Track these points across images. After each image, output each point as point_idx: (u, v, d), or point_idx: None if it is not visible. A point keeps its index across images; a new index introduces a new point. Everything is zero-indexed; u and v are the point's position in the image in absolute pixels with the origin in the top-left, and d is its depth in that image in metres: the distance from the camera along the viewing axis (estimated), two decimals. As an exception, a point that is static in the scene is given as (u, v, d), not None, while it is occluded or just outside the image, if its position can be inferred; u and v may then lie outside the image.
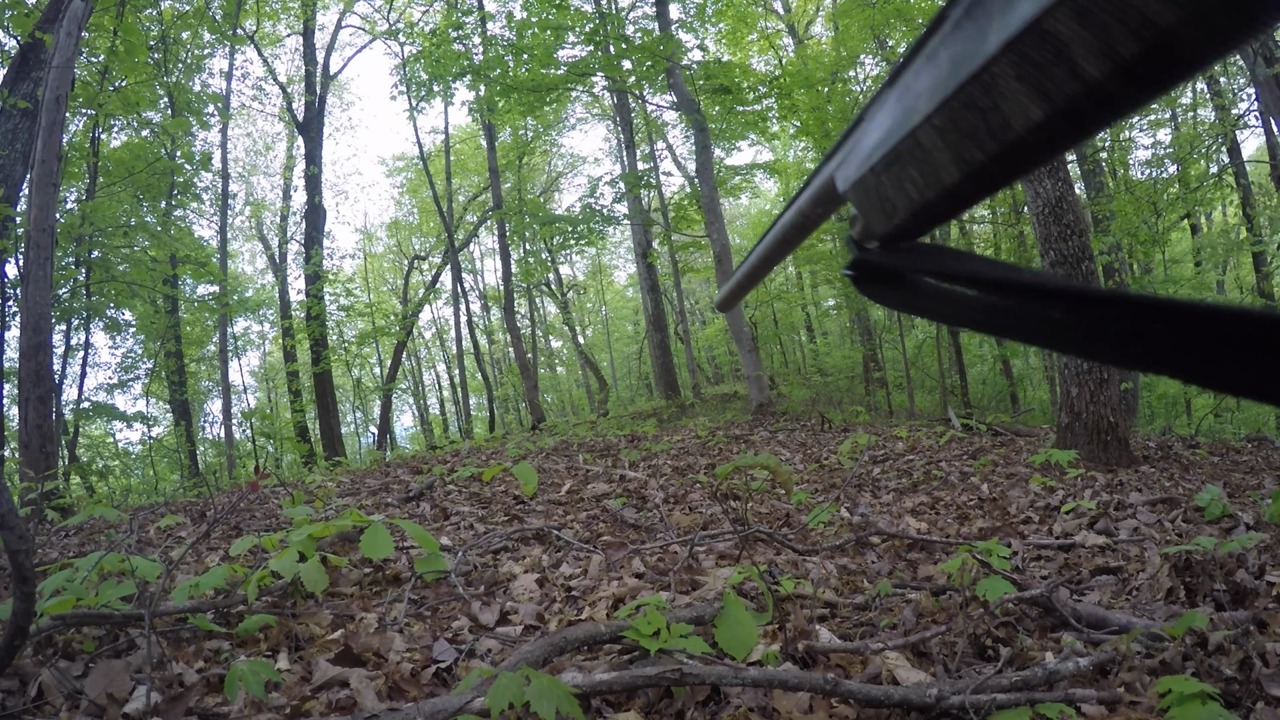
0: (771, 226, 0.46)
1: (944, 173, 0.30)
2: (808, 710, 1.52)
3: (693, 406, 12.85)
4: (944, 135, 0.29)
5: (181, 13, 11.04)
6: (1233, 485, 3.67)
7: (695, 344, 21.56)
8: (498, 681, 1.27)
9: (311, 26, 15.25)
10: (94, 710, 1.53)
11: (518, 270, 16.41)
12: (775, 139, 14.73)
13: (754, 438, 6.98)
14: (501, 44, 10.90)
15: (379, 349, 21.13)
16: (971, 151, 0.28)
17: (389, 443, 16.94)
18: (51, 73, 5.93)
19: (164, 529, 3.80)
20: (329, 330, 15.13)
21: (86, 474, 10.25)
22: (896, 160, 0.32)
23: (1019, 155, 0.27)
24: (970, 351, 14.86)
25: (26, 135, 6.72)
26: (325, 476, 6.18)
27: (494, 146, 14.20)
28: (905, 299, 0.36)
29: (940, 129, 0.29)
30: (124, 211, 11.49)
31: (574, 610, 2.22)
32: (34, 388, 5.52)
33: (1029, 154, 0.27)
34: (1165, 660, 1.59)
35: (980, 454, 5.03)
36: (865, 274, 0.37)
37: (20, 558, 1.53)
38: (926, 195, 0.31)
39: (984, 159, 0.28)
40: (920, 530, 3.11)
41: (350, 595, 2.36)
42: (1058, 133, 0.25)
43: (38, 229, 5.66)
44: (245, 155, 20.45)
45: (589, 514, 3.64)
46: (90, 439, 15.10)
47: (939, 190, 0.31)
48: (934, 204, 0.32)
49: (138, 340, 13.89)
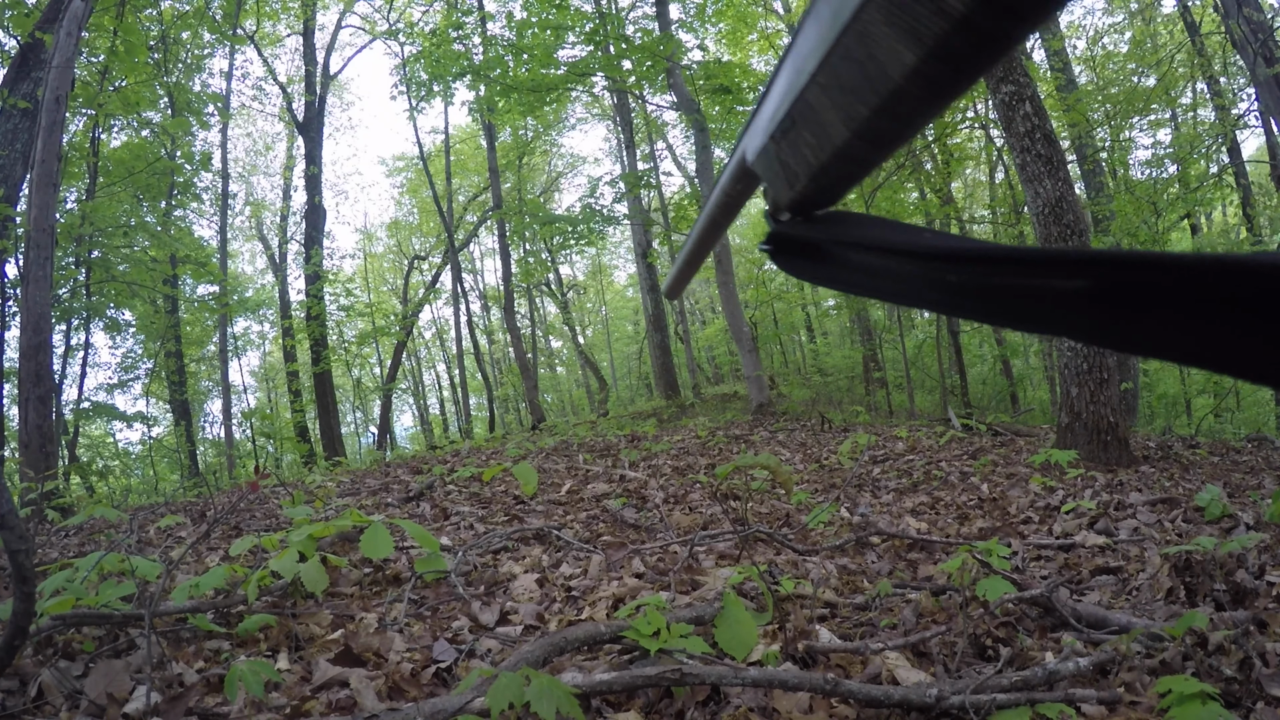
0: (702, 211, 0.46)
1: (834, 132, 0.30)
2: (808, 710, 1.52)
3: (693, 406, 12.85)
4: (829, 93, 0.29)
5: (181, 13, 11.04)
6: (1233, 485, 3.67)
7: (695, 344, 21.56)
8: (498, 681, 1.27)
9: (311, 26, 15.25)
10: (94, 710, 1.53)
11: (518, 270, 16.41)
12: (775, 139, 14.68)
13: (754, 438, 6.98)
14: (501, 44, 10.90)
15: (379, 349, 21.13)
16: (856, 107, 0.28)
17: (389, 443, 16.94)
18: (51, 73, 5.93)
19: (164, 529, 3.80)
20: (329, 330, 15.12)
21: (86, 474, 10.25)
22: (792, 125, 0.32)
23: (903, 107, 0.26)
24: (970, 351, 14.86)
25: (26, 135, 6.72)
26: (325, 476, 6.18)
27: (494, 146, 14.20)
28: (822, 272, 0.36)
29: (825, 87, 0.29)
30: (124, 211, 11.49)
31: (574, 610, 2.22)
32: (34, 388, 5.52)
33: (912, 105, 0.26)
34: (1165, 660, 1.59)
35: (980, 454, 5.03)
36: (781, 247, 0.37)
37: (20, 558, 1.53)
38: (822, 158, 0.31)
39: (868, 113, 0.27)
40: (920, 530, 3.11)
41: (350, 595, 2.36)
42: (936, 79, 0.25)
43: (38, 229, 5.66)
44: (245, 155, 20.47)
45: (589, 514, 3.64)
46: (90, 439, 15.10)
47: (832, 152, 0.30)
48: (830, 167, 0.31)
49: (138, 340, 13.90)
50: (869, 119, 0.27)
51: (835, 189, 0.34)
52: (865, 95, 0.27)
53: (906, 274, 0.30)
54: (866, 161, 0.31)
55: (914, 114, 0.27)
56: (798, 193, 0.34)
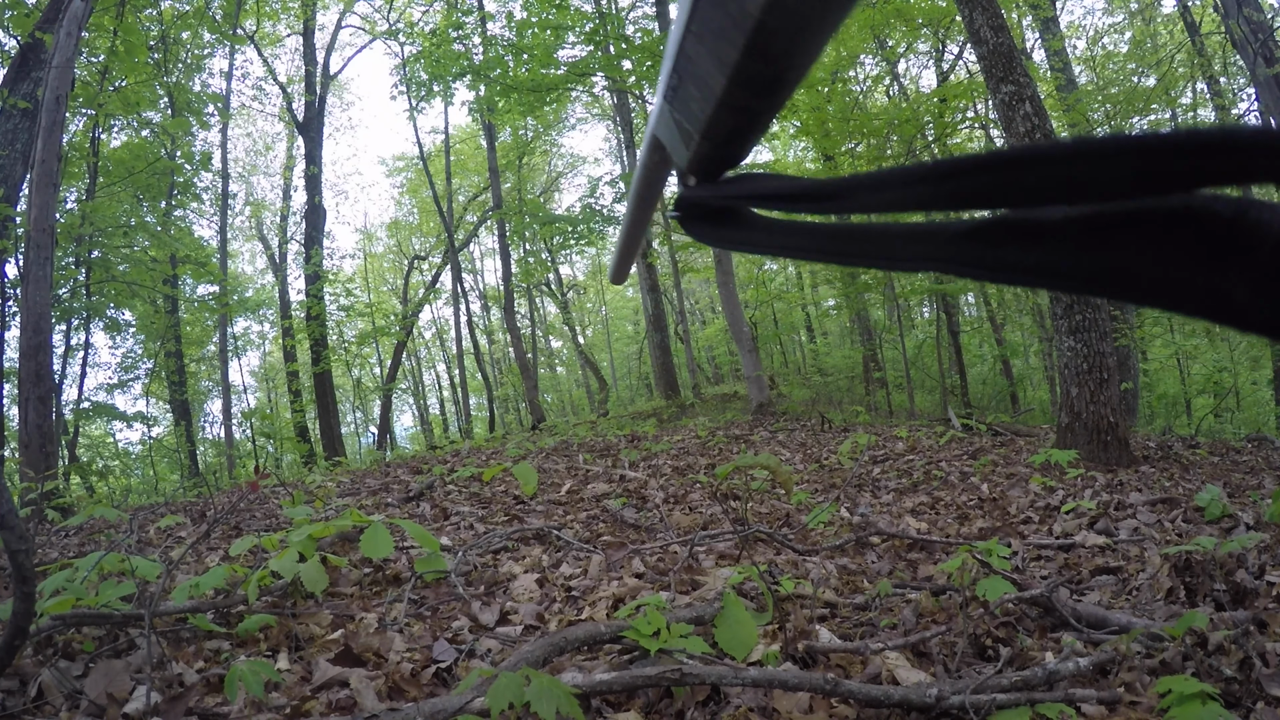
0: (631, 190, 0.46)
1: (713, 82, 0.29)
2: (808, 710, 1.52)
3: (693, 406, 12.85)
4: (703, 41, 0.29)
5: (181, 13, 11.04)
6: (1233, 485, 3.67)
7: (695, 344, 21.56)
8: (498, 681, 1.27)
9: (311, 26, 15.25)
10: (94, 710, 1.53)
11: (518, 270, 16.41)
12: (775, 139, 14.72)
13: (754, 438, 6.98)
14: (501, 44, 10.90)
15: (379, 349, 21.13)
16: (727, 50, 0.27)
17: (389, 443, 16.94)
18: (51, 73, 5.93)
19: (164, 529, 3.80)
20: (329, 330, 15.12)
21: (86, 474, 10.25)
22: (679, 83, 0.32)
23: (771, 44, 0.26)
24: (970, 351, 14.86)
25: (26, 135, 6.72)
26: (325, 476, 6.18)
27: (494, 146, 14.20)
28: (732, 236, 0.36)
29: (699, 35, 0.29)
30: (124, 211, 11.49)
31: (574, 610, 2.22)
32: (34, 388, 5.52)
33: (779, 41, 0.26)
34: (1165, 660, 1.59)
35: (980, 454, 5.03)
36: (689, 213, 0.37)
37: (20, 558, 1.53)
38: (708, 111, 0.31)
39: (738, 55, 0.27)
40: (920, 530, 3.11)
41: (350, 595, 2.36)
42: (794, 8, 0.25)
43: (38, 229, 5.66)
44: (245, 155, 20.48)
45: (589, 514, 3.64)
46: (90, 439, 15.10)
47: (715, 103, 0.30)
48: (718, 120, 0.31)
49: (138, 340, 13.90)
50: (741, 62, 0.27)
51: (732, 146, 0.34)
52: (733, 36, 0.27)
53: (803, 228, 0.30)
54: (752, 111, 0.30)
55: (784, 52, 0.27)
56: (695, 153, 0.34)
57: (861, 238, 0.28)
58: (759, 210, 0.35)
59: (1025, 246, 0.23)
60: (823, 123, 10.66)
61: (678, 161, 0.36)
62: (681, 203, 0.37)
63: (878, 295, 12.82)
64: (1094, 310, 4.58)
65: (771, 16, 0.25)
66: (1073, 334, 4.57)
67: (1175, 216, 0.20)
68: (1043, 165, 0.21)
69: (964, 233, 0.24)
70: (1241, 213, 0.19)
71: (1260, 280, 0.18)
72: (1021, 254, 0.23)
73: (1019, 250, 0.23)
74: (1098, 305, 4.63)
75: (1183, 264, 0.19)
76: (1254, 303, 0.18)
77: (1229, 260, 0.19)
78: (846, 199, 0.28)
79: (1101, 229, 0.21)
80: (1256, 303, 0.18)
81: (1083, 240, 0.21)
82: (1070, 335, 4.58)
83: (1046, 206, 0.22)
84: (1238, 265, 0.18)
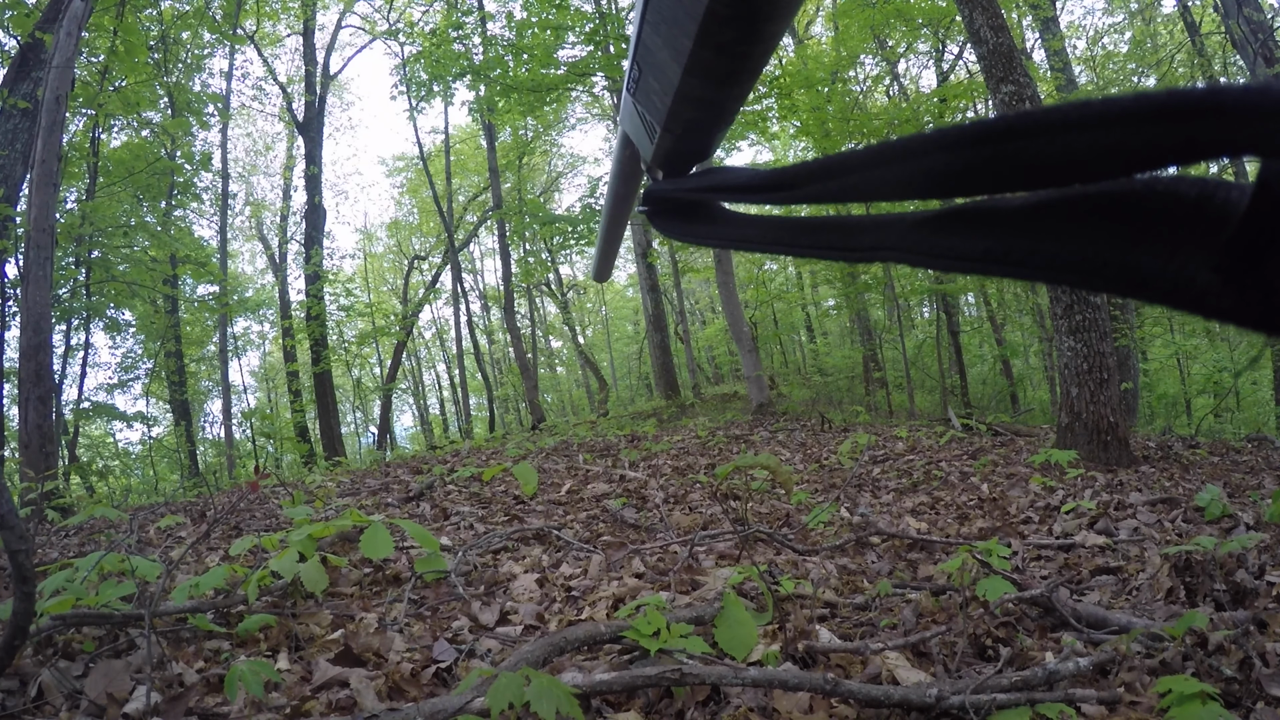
0: (608, 187, 0.46)
1: (670, 73, 0.29)
2: (808, 710, 1.52)
3: (693, 406, 12.85)
4: (658, 31, 0.29)
5: (181, 13, 11.04)
6: (1233, 485, 3.67)
7: (695, 344, 21.56)
8: (498, 681, 1.27)
9: (311, 26, 15.25)
10: (94, 710, 1.53)
11: (518, 270, 16.41)
12: (775, 139, 14.71)
13: (754, 438, 6.98)
14: (501, 44, 10.90)
15: (379, 349, 21.14)
16: (680, 40, 0.27)
17: (389, 443, 16.94)
18: (51, 73, 5.93)
19: (164, 529, 3.80)
20: (329, 330, 15.13)
21: (86, 474, 10.25)
22: (640, 75, 0.32)
23: (721, 32, 0.26)
24: (970, 351, 14.86)
25: (26, 135, 6.72)
26: (325, 476, 6.18)
27: (494, 146, 14.20)
28: (700, 230, 0.35)
29: (654, 24, 0.29)
30: (124, 211, 11.49)
31: (574, 610, 2.22)
32: (34, 388, 5.52)
33: (730, 30, 0.26)
34: (1165, 660, 1.59)
35: (980, 454, 5.03)
36: (657, 208, 0.36)
37: (20, 558, 1.53)
38: (667, 102, 0.31)
39: (691, 44, 0.27)
40: (920, 530, 3.11)
41: (350, 595, 2.36)
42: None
43: (38, 229, 5.66)
44: (245, 155, 20.49)
45: (589, 514, 3.64)
46: (90, 439, 15.10)
47: (672, 93, 0.30)
48: (677, 112, 0.31)
49: (138, 340, 13.90)
50: (694, 51, 0.27)
51: (695, 139, 0.33)
52: (685, 24, 0.26)
53: (766, 220, 0.30)
54: (711, 103, 0.30)
55: (737, 41, 0.27)
56: (659, 146, 0.34)
57: (819, 228, 0.28)
58: (730, 205, 0.34)
59: (983, 233, 0.22)
60: (823, 123, 10.66)
61: (644, 154, 0.36)
62: (648, 197, 0.36)
63: (878, 295, 12.82)
64: (1094, 310, 4.58)
65: (719, 4, 0.25)
66: (1073, 334, 4.57)
67: (1136, 199, 0.19)
68: (1003, 141, 0.20)
69: (922, 220, 0.24)
70: (1207, 194, 0.18)
71: (1226, 264, 0.17)
72: (979, 241, 0.22)
73: (976, 237, 0.22)
74: (1098, 305, 4.62)
75: (1144, 248, 0.19)
76: (1219, 288, 0.17)
77: (1193, 244, 0.18)
78: (804, 187, 0.27)
79: (1060, 214, 0.20)
80: (1222, 288, 0.17)
81: (1042, 226, 0.21)
82: (1070, 335, 4.58)
83: (1007, 192, 0.22)
84: (1203, 249, 0.17)
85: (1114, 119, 0.18)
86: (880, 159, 0.24)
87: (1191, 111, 0.17)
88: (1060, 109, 0.19)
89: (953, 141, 0.21)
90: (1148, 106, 0.17)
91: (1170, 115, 0.17)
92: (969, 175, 0.22)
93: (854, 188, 0.26)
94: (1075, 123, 0.19)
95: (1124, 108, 0.18)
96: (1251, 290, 0.17)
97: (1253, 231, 0.16)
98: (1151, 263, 0.18)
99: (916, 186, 0.23)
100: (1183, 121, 0.17)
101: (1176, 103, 0.17)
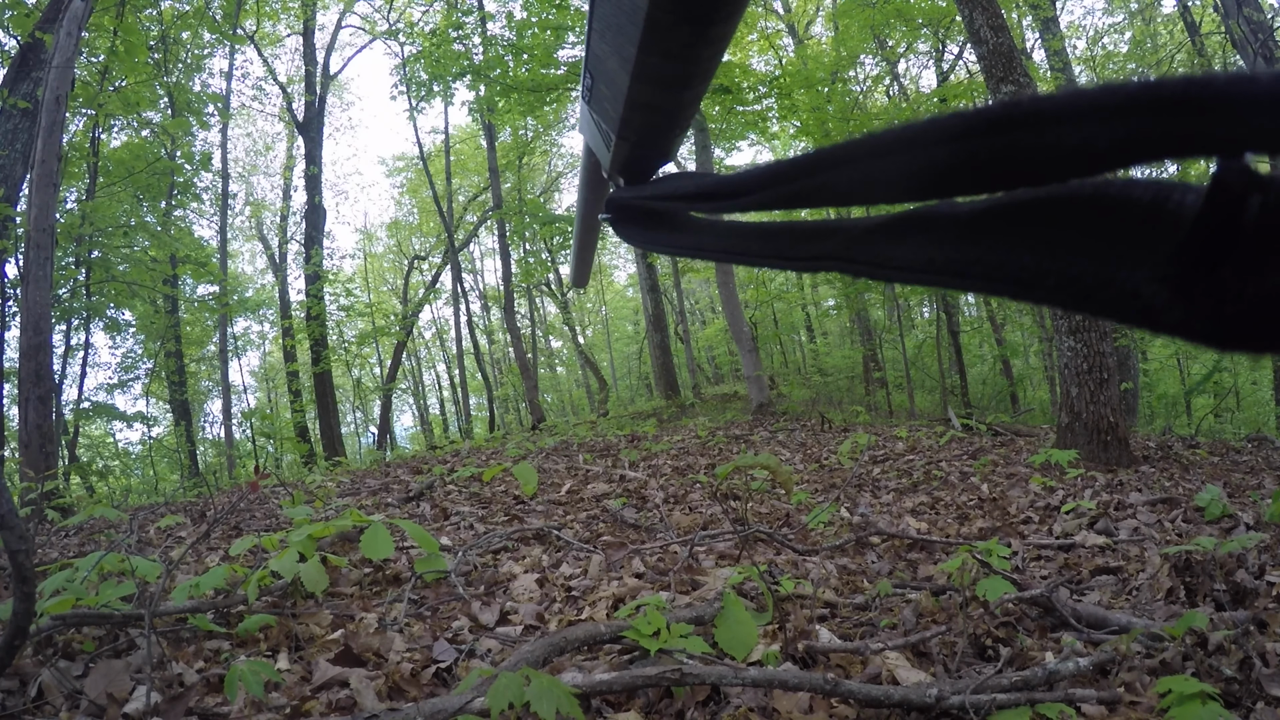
0: (578, 194, 0.46)
1: (619, 80, 0.29)
2: (808, 710, 1.52)
3: (693, 406, 12.85)
4: (605, 38, 0.28)
5: (181, 13, 11.04)
6: (1233, 485, 3.67)
7: (695, 344, 21.56)
8: (498, 681, 1.27)
9: (311, 26, 15.25)
10: (94, 710, 1.53)
11: (518, 270, 16.41)
12: (775, 139, 14.71)
13: (754, 438, 6.98)
14: (501, 44, 10.90)
15: (379, 349, 21.13)
16: (626, 47, 0.27)
17: (389, 443, 16.94)
18: (51, 73, 5.93)
19: (164, 529, 3.80)
20: (329, 330, 15.12)
21: (86, 474, 10.25)
22: (593, 83, 0.32)
23: (665, 40, 0.26)
24: (970, 351, 14.86)
25: (26, 135, 6.72)
26: (325, 476, 6.18)
27: (494, 146, 14.19)
28: (660, 237, 0.35)
29: (601, 32, 0.29)
30: (124, 211, 11.49)
31: (574, 610, 2.22)
32: (34, 388, 5.52)
33: (671, 36, 0.26)
34: (1165, 660, 1.59)
35: (980, 454, 5.03)
36: (619, 215, 0.36)
37: (20, 558, 1.53)
38: (619, 109, 0.30)
39: (635, 51, 0.27)
40: (920, 530, 3.11)
41: (350, 595, 2.36)
42: (683, 1, 0.24)
43: (38, 229, 5.66)
44: (245, 155, 20.50)
45: (589, 514, 3.64)
46: (90, 439, 15.10)
47: (623, 100, 0.29)
48: (629, 120, 0.30)
49: (138, 340, 13.90)
50: (640, 58, 0.27)
51: (652, 146, 0.33)
52: (629, 31, 0.26)
53: (720, 227, 0.29)
54: (661, 108, 0.30)
55: (682, 47, 0.26)
56: (615, 154, 0.33)
57: (773, 235, 0.27)
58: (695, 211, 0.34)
59: (928, 242, 0.21)
60: (823, 123, 10.66)
61: (602, 162, 0.35)
62: (609, 204, 0.36)
63: (878, 295, 12.82)
64: (1094, 310, 4.57)
65: (659, 9, 0.24)
66: (1072, 334, 4.57)
67: (1086, 204, 0.17)
68: (987, 134, 0.19)
69: (874, 226, 0.23)
70: (1162, 197, 0.16)
71: (1175, 273, 0.16)
72: (922, 250, 0.21)
73: (921, 246, 0.21)
74: (1098, 305, 4.61)
75: (1089, 258, 0.17)
76: (1167, 300, 0.16)
77: (1142, 252, 0.16)
78: (755, 194, 0.26)
79: (1007, 221, 0.19)
80: (1170, 299, 0.16)
81: (987, 234, 0.19)
82: (1070, 335, 4.58)
83: (987, 192, 0.20)
84: (1152, 257, 0.16)
85: (1144, 106, 0.16)
86: (833, 162, 0.23)
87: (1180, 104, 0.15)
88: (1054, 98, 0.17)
89: (929, 139, 0.20)
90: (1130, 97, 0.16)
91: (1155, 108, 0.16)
92: (944, 176, 0.20)
93: (803, 194, 0.25)
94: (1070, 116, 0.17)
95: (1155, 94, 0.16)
96: (1202, 301, 0.15)
97: (1205, 236, 0.15)
98: (1095, 272, 0.17)
99: (880, 190, 0.22)
100: (1169, 116, 0.16)
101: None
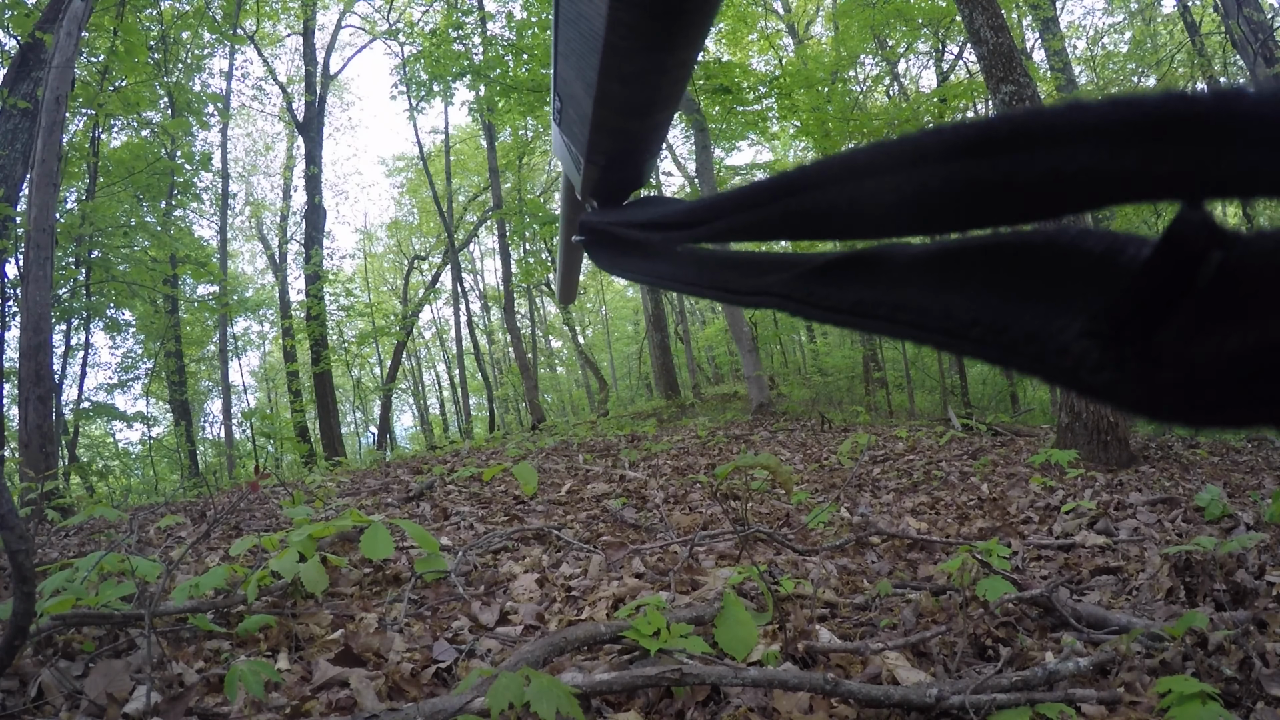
0: (560, 213, 0.46)
1: (584, 103, 0.29)
2: (808, 710, 1.52)
3: (693, 406, 12.84)
4: (569, 61, 0.28)
5: (181, 13, 11.04)
6: (1233, 485, 3.67)
7: (695, 344, 21.56)
8: (498, 681, 1.27)
9: (311, 26, 15.25)
10: (94, 710, 1.53)
11: (518, 270, 16.41)
12: (775, 139, 14.72)
13: (754, 438, 6.98)
14: (501, 44, 10.91)
15: (379, 349, 21.13)
16: (587, 71, 0.27)
17: (389, 443, 16.94)
18: (51, 73, 5.93)
19: (164, 529, 3.80)
20: (329, 330, 15.12)
21: (86, 474, 10.25)
22: (561, 105, 0.32)
23: (624, 64, 0.25)
24: (970, 351, 14.82)
25: (26, 135, 6.72)
26: (325, 476, 6.18)
27: (494, 146, 14.20)
28: (628, 264, 0.34)
29: (565, 55, 0.28)
30: (124, 211, 11.50)
31: (574, 610, 2.22)
32: (34, 388, 5.52)
33: (630, 61, 0.25)
34: (1165, 660, 1.59)
35: (980, 454, 5.03)
36: (591, 238, 0.35)
37: (20, 558, 1.53)
38: (586, 133, 0.30)
39: (596, 75, 0.26)
40: (920, 530, 3.11)
41: (350, 595, 2.36)
42: (636, 27, 0.24)
43: (38, 229, 5.66)
44: (245, 155, 20.51)
45: (589, 514, 3.64)
46: (90, 439, 15.10)
47: (590, 124, 0.29)
48: (596, 144, 0.30)
49: (138, 340, 13.90)
50: (600, 83, 0.27)
51: (621, 170, 0.32)
52: (589, 56, 0.26)
53: (682, 256, 0.29)
54: (629, 134, 0.29)
55: (642, 73, 0.26)
56: (587, 176, 0.33)
57: (724, 266, 0.26)
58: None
59: (863, 283, 0.20)
60: (823, 123, 10.66)
61: (575, 185, 0.35)
62: (582, 228, 0.35)
63: (878, 295, 12.80)
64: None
65: (616, 35, 0.24)
66: (1073, 334, 4.56)
67: (1033, 252, 0.16)
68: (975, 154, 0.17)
69: (821, 265, 0.22)
70: (1116, 249, 0.15)
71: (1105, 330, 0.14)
72: (853, 291, 0.20)
73: (855, 287, 0.20)
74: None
75: (1022, 309, 0.16)
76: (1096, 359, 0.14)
77: (1079, 306, 0.15)
78: (708, 224, 0.25)
79: (948, 266, 0.18)
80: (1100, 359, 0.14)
81: (925, 278, 0.18)
82: (1070, 335, 4.58)
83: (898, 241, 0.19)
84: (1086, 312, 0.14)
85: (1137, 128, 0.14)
86: (808, 183, 0.21)
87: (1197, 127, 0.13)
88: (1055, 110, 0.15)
89: (904, 161, 0.18)
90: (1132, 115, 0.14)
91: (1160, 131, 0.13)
92: (941, 201, 0.18)
93: (746, 227, 0.23)
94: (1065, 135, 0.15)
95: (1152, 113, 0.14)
96: (1133, 364, 0.14)
97: (1148, 292, 0.13)
98: (1025, 325, 0.16)
99: (868, 218, 0.20)
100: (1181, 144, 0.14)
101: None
